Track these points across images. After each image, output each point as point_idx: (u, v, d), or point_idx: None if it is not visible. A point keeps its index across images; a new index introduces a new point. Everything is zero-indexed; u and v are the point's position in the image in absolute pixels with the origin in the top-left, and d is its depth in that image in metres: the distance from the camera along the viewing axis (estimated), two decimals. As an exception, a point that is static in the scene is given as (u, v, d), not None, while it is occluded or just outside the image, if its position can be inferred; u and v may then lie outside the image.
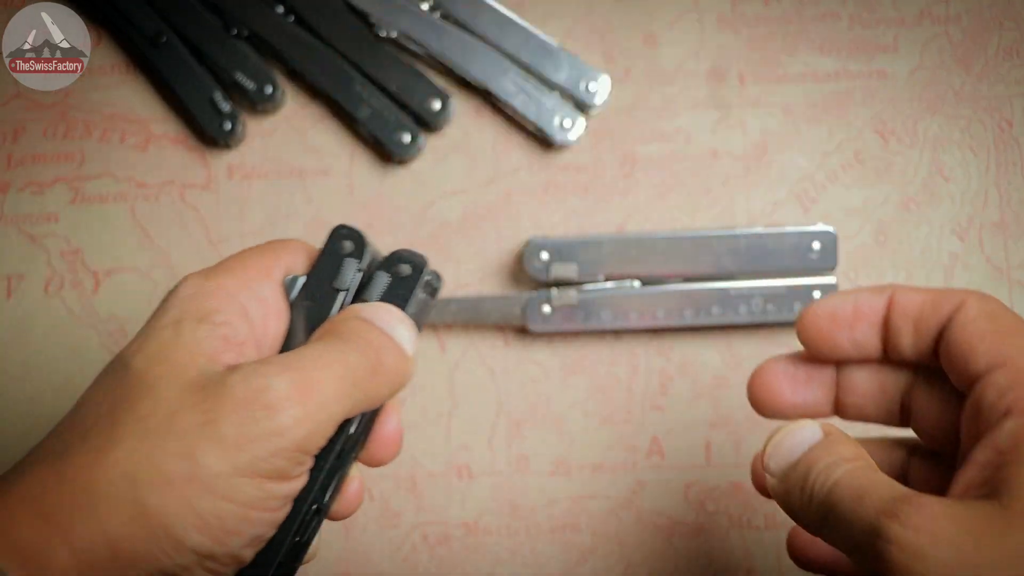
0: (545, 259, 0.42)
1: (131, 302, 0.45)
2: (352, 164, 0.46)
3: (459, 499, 0.43)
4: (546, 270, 0.42)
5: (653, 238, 0.42)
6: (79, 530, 0.24)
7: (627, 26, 0.46)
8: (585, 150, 0.45)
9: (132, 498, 0.25)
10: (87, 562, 0.24)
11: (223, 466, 0.25)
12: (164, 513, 0.25)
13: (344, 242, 0.31)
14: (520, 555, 0.43)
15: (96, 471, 0.25)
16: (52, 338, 0.44)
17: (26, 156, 0.46)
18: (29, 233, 0.45)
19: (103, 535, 0.24)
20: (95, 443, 0.26)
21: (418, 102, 0.45)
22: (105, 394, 0.28)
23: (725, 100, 0.46)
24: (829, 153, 0.45)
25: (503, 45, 0.45)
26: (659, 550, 0.43)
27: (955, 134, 0.45)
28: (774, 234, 0.42)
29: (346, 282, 0.30)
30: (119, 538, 0.25)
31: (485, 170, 0.45)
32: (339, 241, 0.31)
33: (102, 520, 0.25)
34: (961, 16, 0.46)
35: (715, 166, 0.45)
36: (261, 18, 0.45)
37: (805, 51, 0.46)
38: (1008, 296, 0.44)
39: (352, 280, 0.30)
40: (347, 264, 0.30)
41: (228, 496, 0.25)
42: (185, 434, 0.25)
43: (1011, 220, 0.44)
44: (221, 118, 0.45)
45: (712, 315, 0.42)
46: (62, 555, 0.24)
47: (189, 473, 0.25)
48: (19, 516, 0.25)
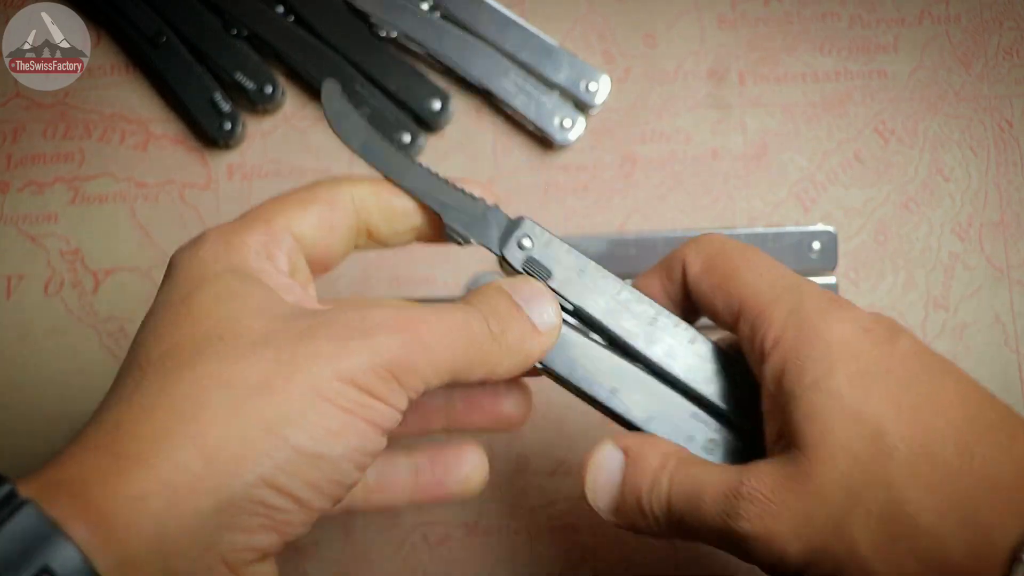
0: (545, 259, 0.42)
1: (131, 302, 0.45)
2: (352, 164, 0.46)
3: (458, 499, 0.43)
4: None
5: (653, 238, 0.42)
6: (168, 444, 0.23)
7: (627, 26, 0.46)
8: (585, 150, 0.45)
9: (228, 403, 0.23)
10: (174, 482, 0.22)
11: (323, 370, 0.24)
12: (262, 415, 0.23)
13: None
14: (520, 555, 0.43)
15: (182, 386, 0.24)
16: (52, 338, 0.45)
17: (26, 156, 0.46)
18: (29, 233, 0.45)
19: (197, 447, 0.23)
20: (176, 363, 0.24)
21: (418, 102, 0.44)
22: (168, 329, 0.26)
23: (725, 100, 0.46)
24: (829, 153, 0.45)
25: (503, 45, 0.45)
26: (659, 550, 0.43)
27: (955, 134, 0.45)
28: (774, 234, 0.42)
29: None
30: (215, 445, 0.23)
31: (485, 170, 0.45)
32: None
33: (196, 432, 0.23)
34: (961, 16, 0.46)
35: (715, 166, 0.45)
36: (261, 18, 0.45)
37: (805, 51, 0.46)
38: (1008, 296, 0.44)
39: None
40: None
41: (329, 397, 0.24)
42: (283, 346, 0.24)
43: (1011, 220, 0.44)
44: (221, 118, 0.45)
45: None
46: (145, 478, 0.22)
47: (288, 374, 0.24)
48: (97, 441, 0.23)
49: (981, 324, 0.44)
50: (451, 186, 0.32)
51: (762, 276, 0.29)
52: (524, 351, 0.29)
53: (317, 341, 0.24)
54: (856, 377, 0.26)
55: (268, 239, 0.28)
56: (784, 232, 0.42)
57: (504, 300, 0.29)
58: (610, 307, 0.32)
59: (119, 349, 0.44)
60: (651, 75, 0.46)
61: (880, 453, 0.26)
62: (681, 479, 0.28)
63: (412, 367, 0.25)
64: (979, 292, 0.44)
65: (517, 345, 0.28)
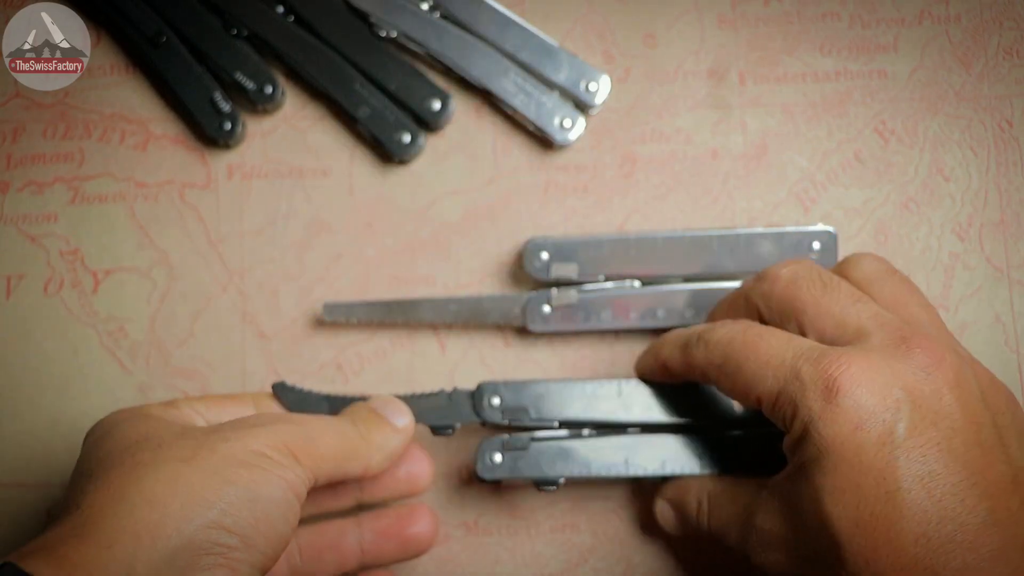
0: (545, 259, 0.42)
1: (131, 302, 0.45)
2: (352, 164, 0.46)
3: (458, 499, 0.43)
4: (546, 270, 0.42)
5: (653, 238, 0.42)
6: (126, 504, 0.28)
7: (627, 26, 0.46)
8: (585, 150, 0.45)
9: (168, 471, 0.29)
10: (136, 530, 0.28)
11: (237, 446, 0.31)
12: (198, 476, 0.29)
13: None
14: (520, 555, 0.43)
15: (125, 469, 0.30)
16: (52, 338, 0.44)
17: (25, 156, 0.46)
18: (28, 233, 0.45)
19: (150, 503, 0.28)
20: (114, 460, 0.30)
21: (418, 102, 0.44)
22: (100, 449, 0.32)
23: (725, 100, 0.46)
24: (829, 153, 0.45)
25: (503, 45, 0.45)
26: (659, 550, 0.43)
27: (955, 134, 0.45)
28: (774, 234, 0.42)
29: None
30: (165, 501, 0.28)
31: (485, 170, 0.45)
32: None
33: (148, 492, 0.29)
34: (961, 16, 0.46)
35: (715, 166, 0.45)
36: (261, 18, 0.45)
37: (805, 51, 0.46)
38: (1008, 296, 0.44)
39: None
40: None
41: (246, 463, 0.30)
42: (200, 437, 0.31)
43: (1011, 220, 0.44)
44: (221, 118, 0.45)
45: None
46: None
47: (210, 450, 0.30)
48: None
49: (981, 324, 0.44)
50: (410, 399, 0.39)
51: (767, 367, 0.32)
52: (388, 447, 0.36)
53: (226, 431, 0.32)
54: (837, 492, 0.29)
55: (171, 408, 0.35)
56: (784, 232, 0.42)
57: (367, 410, 0.37)
58: (583, 404, 0.39)
59: (119, 349, 0.44)
60: (651, 75, 0.46)
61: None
62: (713, 520, 0.36)
63: (304, 450, 0.32)
64: (979, 292, 0.44)
65: (382, 442, 0.36)
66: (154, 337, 0.44)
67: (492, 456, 0.39)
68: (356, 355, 0.44)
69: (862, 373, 0.29)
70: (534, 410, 0.39)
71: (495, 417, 0.39)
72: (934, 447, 0.29)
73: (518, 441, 0.39)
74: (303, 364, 0.44)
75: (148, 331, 0.44)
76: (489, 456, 0.39)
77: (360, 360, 0.44)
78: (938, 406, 0.29)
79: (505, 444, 0.39)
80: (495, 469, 0.39)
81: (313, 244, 0.45)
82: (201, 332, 0.44)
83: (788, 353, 0.31)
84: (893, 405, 0.29)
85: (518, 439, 0.39)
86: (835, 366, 0.30)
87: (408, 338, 0.44)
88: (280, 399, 0.39)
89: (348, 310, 0.43)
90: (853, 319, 0.32)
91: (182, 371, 0.44)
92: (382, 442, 0.36)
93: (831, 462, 0.29)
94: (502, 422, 0.39)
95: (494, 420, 0.39)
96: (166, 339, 0.44)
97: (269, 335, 0.44)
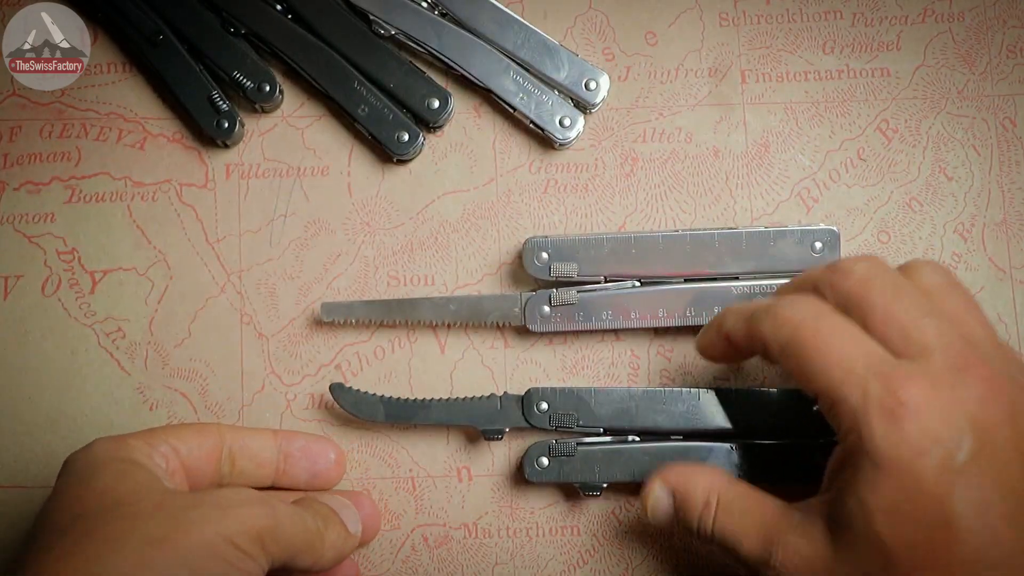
0: (545, 259, 0.42)
1: (129, 302, 0.45)
2: (351, 163, 0.45)
3: (459, 500, 0.43)
4: (546, 270, 0.42)
5: (653, 238, 0.42)
6: None
7: (628, 24, 0.46)
8: (585, 149, 0.45)
9: (136, 553, 0.30)
10: None
11: (210, 530, 0.32)
12: (165, 563, 0.31)
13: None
14: (520, 556, 0.43)
15: (94, 543, 0.31)
16: (50, 338, 0.44)
17: (22, 155, 0.46)
18: (25, 233, 0.45)
19: None
20: (87, 525, 0.31)
21: (417, 101, 0.44)
22: (73, 502, 0.33)
23: (726, 98, 0.45)
24: (831, 151, 0.45)
25: (503, 43, 0.44)
26: (659, 550, 0.43)
27: (958, 133, 0.45)
28: (776, 233, 0.42)
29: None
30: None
31: (485, 169, 0.45)
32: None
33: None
34: (964, 14, 0.46)
35: (716, 165, 0.45)
36: (259, 16, 0.45)
37: (807, 49, 0.46)
38: (1011, 295, 0.44)
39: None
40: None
41: (216, 552, 0.32)
42: (175, 512, 0.32)
43: (1014, 219, 0.44)
44: (219, 117, 0.44)
45: (713, 315, 0.42)
46: None
47: (184, 531, 0.32)
48: None
49: (984, 324, 0.43)
50: (460, 403, 0.41)
51: (834, 367, 0.32)
52: (339, 548, 0.38)
53: (203, 508, 0.33)
54: (892, 513, 0.30)
55: (149, 443, 0.36)
56: (786, 231, 0.42)
57: (328, 509, 0.39)
58: (621, 408, 0.40)
59: (116, 349, 0.44)
60: (652, 73, 0.46)
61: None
62: (722, 524, 0.35)
63: (272, 536, 0.33)
64: (982, 292, 0.44)
65: (335, 542, 0.38)
66: (152, 337, 0.44)
67: (539, 460, 0.41)
68: (355, 355, 0.44)
69: (927, 399, 0.30)
70: (578, 420, 0.40)
71: (543, 422, 0.41)
72: (990, 477, 0.29)
73: (565, 446, 0.40)
74: (302, 364, 0.44)
75: (146, 331, 0.44)
76: (536, 460, 0.41)
77: (359, 360, 0.44)
78: (996, 437, 0.30)
79: (552, 449, 0.41)
80: (542, 473, 0.41)
81: (312, 243, 0.45)
82: (199, 332, 0.44)
83: (858, 361, 0.31)
84: (956, 434, 0.30)
85: (565, 444, 0.41)
86: (903, 389, 0.30)
87: (407, 338, 0.44)
88: (337, 400, 0.41)
89: (347, 310, 0.43)
90: (919, 334, 0.32)
91: (180, 371, 0.44)
92: (335, 542, 0.38)
93: (889, 484, 0.30)
94: (549, 427, 0.41)
95: (542, 425, 0.41)
96: (164, 339, 0.44)
97: (267, 335, 0.44)
